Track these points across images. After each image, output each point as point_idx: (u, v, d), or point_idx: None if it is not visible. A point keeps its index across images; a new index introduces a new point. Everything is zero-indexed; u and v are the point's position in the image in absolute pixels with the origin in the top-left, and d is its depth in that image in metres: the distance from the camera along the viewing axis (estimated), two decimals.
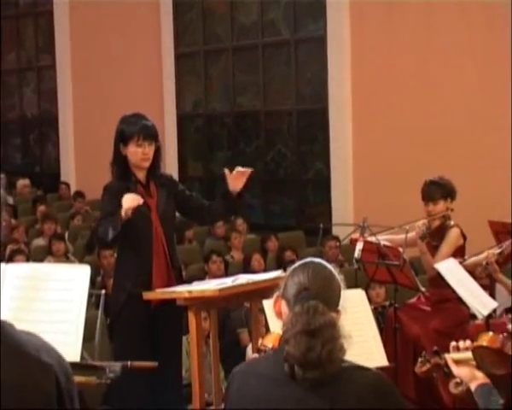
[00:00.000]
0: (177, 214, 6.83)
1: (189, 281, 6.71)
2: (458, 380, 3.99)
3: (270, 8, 14.41)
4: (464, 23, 11.64)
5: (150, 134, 6.39)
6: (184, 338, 6.65)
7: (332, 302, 3.50)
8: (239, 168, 6.49)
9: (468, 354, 3.98)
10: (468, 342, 4.08)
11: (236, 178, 6.46)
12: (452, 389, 4.10)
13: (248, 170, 6.54)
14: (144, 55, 15.72)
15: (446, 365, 4.04)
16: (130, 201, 6.00)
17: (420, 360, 4.32)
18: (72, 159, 17.55)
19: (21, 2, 18.88)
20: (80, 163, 17.09)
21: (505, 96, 11.31)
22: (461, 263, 7.43)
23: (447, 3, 11.81)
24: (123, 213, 5.98)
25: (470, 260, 7.66)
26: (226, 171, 6.52)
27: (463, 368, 3.96)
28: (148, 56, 15.66)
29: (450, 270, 7.16)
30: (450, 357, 4.05)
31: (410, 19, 12.20)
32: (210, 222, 7.70)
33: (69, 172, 17.53)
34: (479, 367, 3.95)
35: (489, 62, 11.47)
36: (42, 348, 2.29)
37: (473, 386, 3.87)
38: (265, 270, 8.94)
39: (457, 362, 4.00)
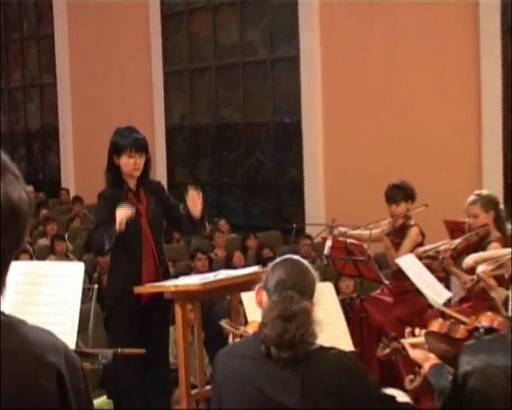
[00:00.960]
0: None
1: (176, 276, 6.71)
2: (412, 377, 4.12)
3: (249, 31, 14.41)
4: (428, 37, 11.63)
5: (141, 147, 6.40)
6: (172, 328, 6.63)
7: (306, 293, 3.61)
8: (191, 192, 6.39)
9: (422, 339, 4.13)
10: (420, 331, 4.22)
11: (193, 203, 6.39)
12: (408, 385, 4.18)
13: (198, 192, 6.40)
14: (136, 73, 15.69)
15: (403, 348, 4.16)
16: (122, 213, 6.02)
17: (381, 345, 4.46)
18: (71, 167, 17.55)
19: (26, 26, 18.83)
20: (79, 171, 17.07)
21: (467, 102, 11.30)
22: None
23: (412, 23, 11.80)
24: (117, 226, 6.01)
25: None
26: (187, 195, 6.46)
27: (418, 351, 4.07)
28: (140, 74, 15.64)
29: (410, 264, 7.17)
30: (406, 342, 4.16)
31: (376, 38, 12.19)
32: (182, 234, 7.73)
33: (69, 179, 17.53)
34: (430, 350, 4.06)
35: (451, 72, 11.46)
36: (48, 345, 2.18)
37: (426, 366, 3.95)
38: (246, 266, 8.90)
39: (413, 346, 4.11)
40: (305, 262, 3.78)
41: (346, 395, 3.48)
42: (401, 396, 3.90)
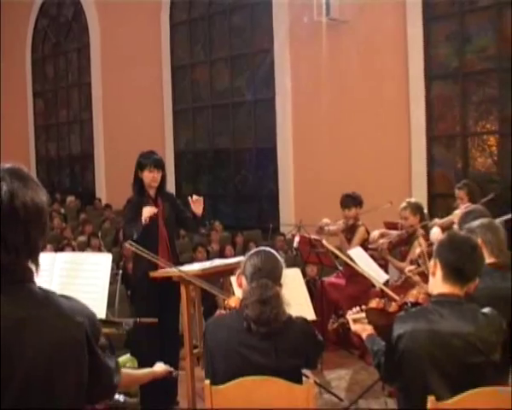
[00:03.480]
0: None
1: (181, 264, 6.69)
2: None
3: (237, 79, 14.41)
4: (368, 84, 11.65)
5: (158, 164, 6.51)
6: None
7: (277, 279, 3.68)
8: (195, 196, 6.53)
9: (362, 315, 4.10)
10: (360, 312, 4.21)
11: (196, 204, 6.50)
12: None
13: (201, 198, 6.53)
14: (152, 111, 15.70)
15: (348, 323, 4.17)
16: (148, 212, 6.13)
17: (331, 321, 4.56)
18: (103, 182, 17.52)
19: (70, 77, 18.81)
20: (108, 185, 17.05)
21: (400, 134, 11.33)
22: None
23: (357, 72, 11.81)
24: (143, 220, 6.12)
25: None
26: (190, 199, 6.54)
27: (357, 325, 4.08)
28: (155, 111, 15.64)
29: (358, 254, 7.16)
30: (350, 318, 4.15)
31: (331, 84, 12.20)
32: (189, 232, 7.77)
33: (101, 191, 17.50)
34: (370, 322, 4.06)
35: (388, 110, 11.47)
36: (76, 309, 2.24)
37: (364, 336, 3.98)
38: (235, 256, 8.87)
39: (354, 321, 4.10)
40: (275, 252, 3.82)
41: (307, 351, 3.66)
42: None
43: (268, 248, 3.84)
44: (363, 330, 4.02)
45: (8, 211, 2.11)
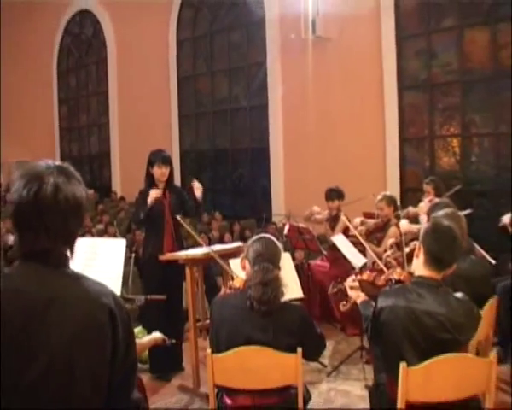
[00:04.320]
0: None
1: (187, 248, 6.67)
2: (344, 303, 4.10)
3: (235, 88, 14.38)
4: (349, 97, 11.65)
5: (166, 161, 6.49)
6: (183, 283, 6.58)
7: (276, 263, 3.67)
8: (196, 183, 6.57)
9: (357, 284, 4.15)
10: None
11: (197, 190, 6.52)
12: (341, 308, 4.23)
13: (200, 186, 6.57)
14: (160, 116, 15.65)
15: (345, 289, 4.16)
16: (154, 193, 6.24)
17: (331, 286, 4.56)
18: (118, 177, 17.49)
19: (90, 86, 18.77)
20: (123, 180, 17.02)
21: (376, 137, 11.33)
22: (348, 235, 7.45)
23: (339, 86, 11.81)
24: (149, 201, 6.22)
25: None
26: (193, 183, 6.60)
27: (354, 291, 4.09)
28: (163, 116, 15.59)
29: (340, 241, 7.16)
30: (347, 284, 4.18)
31: (316, 92, 12.19)
32: (190, 216, 7.77)
33: (117, 185, 17.48)
34: (362, 290, 4.10)
35: (366, 117, 11.47)
36: (101, 292, 2.18)
37: (358, 301, 3.98)
38: (233, 242, 8.87)
39: (350, 288, 4.12)
40: (275, 239, 3.81)
41: (302, 334, 3.59)
42: None
43: (268, 235, 3.85)
44: (358, 296, 4.03)
45: (52, 202, 2.12)
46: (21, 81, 18.87)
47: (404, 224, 7.21)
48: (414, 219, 7.29)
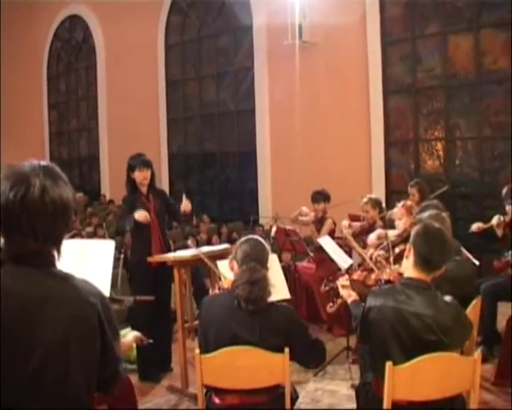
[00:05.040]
0: None
1: (174, 251, 6.65)
2: (331, 304, 4.12)
3: (222, 93, 14.36)
4: (334, 99, 11.67)
5: (146, 164, 6.40)
6: (172, 284, 6.56)
7: (264, 263, 3.64)
8: (186, 201, 6.44)
9: (348, 283, 4.15)
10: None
11: (185, 207, 6.43)
12: (328, 309, 4.24)
13: (188, 203, 6.44)
14: (149, 119, 15.65)
15: (337, 288, 4.20)
16: (143, 217, 6.08)
17: (324, 284, 4.66)
18: (107, 180, 17.46)
19: (80, 91, 18.72)
20: (112, 182, 16.97)
21: (361, 141, 11.35)
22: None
23: (326, 88, 11.83)
24: (136, 217, 6.06)
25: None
26: (184, 196, 6.49)
27: (345, 290, 4.09)
28: (151, 120, 15.59)
29: (326, 242, 7.16)
30: (339, 283, 4.20)
31: (303, 96, 12.20)
32: (177, 223, 7.77)
33: (106, 188, 17.43)
34: (353, 289, 4.09)
35: (352, 121, 11.50)
36: (90, 291, 2.22)
37: (349, 300, 3.99)
38: (220, 244, 8.85)
39: (342, 286, 4.13)
40: (262, 240, 3.79)
41: (289, 335, 3.53)
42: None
43: (256, 236, 3.83)
44: (349, 295, 4.03)
45: (40, 205, 2.11)
46: (11, 86, 18.77)
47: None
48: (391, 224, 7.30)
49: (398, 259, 4.59)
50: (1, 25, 18.08)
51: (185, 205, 6.42)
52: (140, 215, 6.08)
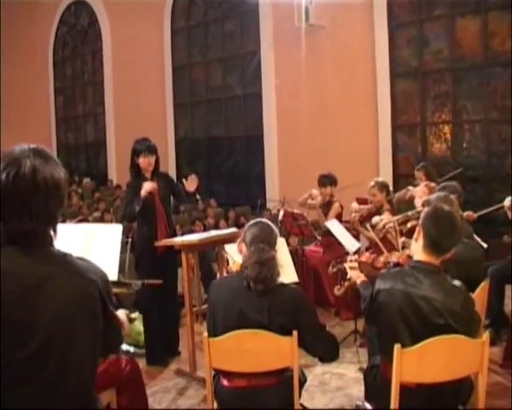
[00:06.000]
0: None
1: (182, 235, 6.65)
2: (339, 287, 4.11)
3: (229, 77, 14.37)
4: (342, 84, 11.66)
5: (151, 150, 6.37)
6: (179, 269, 6.56)
7: (272, 244, 3.65)
8: (192, 176, 6.46)
9: (356, 264, 4.16)
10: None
11: (190, 184, 6.42)
12: (336, 292, 4.24)
13: (194, 177, 6.44)
14: (156, 105, 15.67)
15: (345, 269, 4.19)
16: (148, 185, 6.15)
17: (331, 265, 4.69)
18: (114, 165, 17.50)
19: (86, 76, 18.77)
20: (119, 168, 16.98)
21: (369, 124, 11.33)
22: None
23: (331, 73, 11.80)
24: (143, 193, 6.12)
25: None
26: (185, 181, 6.49)
27: (354, 271, 4.11)
28: (158, 105, 15.62)
29: (334, 226, 7.16)
30: (347, 265, 4.20)
31: (309, 81, 12.17)
32: (182, 203, 7.74)
33: (113, 173, 17.49)
34: (361, 271, 4.11)
35: (360, 105, 11.47)
36: (90, 268, 2.27)
37: (358, 281, 3.99)
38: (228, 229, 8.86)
39: (350, 268, 4.14)
40: (271, 223, 3.79)
41: (296, 316, 3.54)
42: None
43: (265, 219, 3.83)
44: (358, 276, 4.04)
45: (31, 184, 2.14)
46: (18, 71, 18.78)
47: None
48: (410, 203, 7.28)
49: (410, 233, 4.56)
50: (6, 11, 18.06)
51: (190, 183, 6.42)
52: (147, 185, 6.13)
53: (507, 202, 6.53)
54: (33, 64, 19.34)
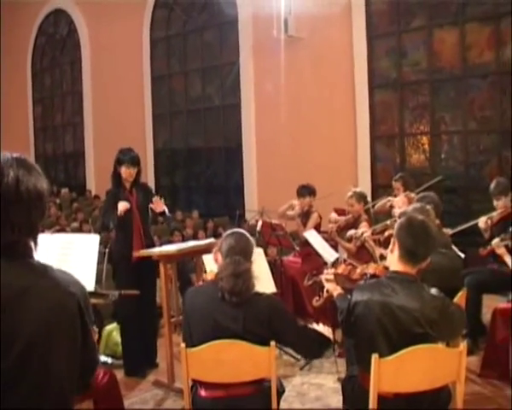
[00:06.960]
0: None
1: (160, 245, 6.62)
2: (317, 298, 4.10)
3: (208, 88, 14.38)
4: (320, 93, 11.68)
5: (135, 162, 6.37)
6: (157, 279, 6.54)
7: (248, 256, 3.63)
8: (156, 198, 6.37)
9: (332, 277, 4.14)
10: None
11: (156, 206, 6.34)
12: (314, 303, 4.23)
13: (158, 199, 6.34)
14: (134, 115, 15.63)
15: (321, 281, 4.18)
16: (122, 206, 6.08)
17: (307, 278, 4.75)
18: (92, 176, 17.44)
19: (64, 86, 18.68)
20: (97, 178, 16.93)
21: (347, 135, 11.37)
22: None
23: (311, 81, 11.83)
24: (118, 212, 6.08)
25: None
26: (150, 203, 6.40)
27: (330, 284, 4.10)
28: (137, 115, 15.59)
29: (312, 236, 7.17)
30: (323, 277, 4.19)
31: (287, 92, 12.20)
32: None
33: (91, 184, 17.42)
34: (337, 283, 4.10)
35: (337, 115, 11.51)
36: (70, 281, 2.21)
37: (335, 294, 3.98)
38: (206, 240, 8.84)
39: (326, 280, 4.13)
40: (247, 234, 3.78)
41: (272, 324, 3.52)
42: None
43: (241, 230, 3.82)
44: (334, 289, 4.03)
45: (14, 195, 2.10)
46: None
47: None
48: (388, 213, 7.31)
49: (388, 242, 4.56)
50: None
51: (155, 205, 6.36)
52: (120, 207, 6.09)
53: (481, 224, 6.60)
54: (12, 74, 19.24)
